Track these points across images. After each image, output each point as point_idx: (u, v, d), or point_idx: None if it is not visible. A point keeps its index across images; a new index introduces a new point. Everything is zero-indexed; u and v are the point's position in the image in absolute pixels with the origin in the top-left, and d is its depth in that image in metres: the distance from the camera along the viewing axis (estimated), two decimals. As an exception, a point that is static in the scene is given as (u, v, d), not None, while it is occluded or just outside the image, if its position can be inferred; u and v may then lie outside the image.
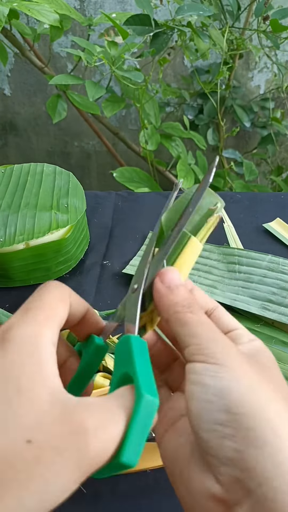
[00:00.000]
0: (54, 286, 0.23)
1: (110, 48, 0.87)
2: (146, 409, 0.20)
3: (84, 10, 1.20)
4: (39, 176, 0.60)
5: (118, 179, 1.05)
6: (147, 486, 0.35)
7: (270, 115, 1.21)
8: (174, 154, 1.10)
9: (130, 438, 0.19)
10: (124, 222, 0.63)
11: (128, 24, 0.83)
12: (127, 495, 0.35)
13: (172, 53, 1.13)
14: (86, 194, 0.59)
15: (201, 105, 1.24)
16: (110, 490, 0.35)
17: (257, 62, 1.23)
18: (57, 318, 0.22)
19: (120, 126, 1.39)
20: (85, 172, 1.54)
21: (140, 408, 0.19)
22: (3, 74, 1.34)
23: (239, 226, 0.61)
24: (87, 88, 0.88)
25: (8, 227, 0.52)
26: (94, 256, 0.58)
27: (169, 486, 0.34)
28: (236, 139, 1.36)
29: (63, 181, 0.59)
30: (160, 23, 0.87)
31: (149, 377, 0.21)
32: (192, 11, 0.83)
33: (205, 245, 0.57)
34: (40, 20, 0.83)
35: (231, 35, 1.02)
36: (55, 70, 1.26)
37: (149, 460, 0.35)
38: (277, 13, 0.86)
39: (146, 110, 1.05)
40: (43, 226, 0.52)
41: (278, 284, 0.50)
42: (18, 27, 0.97)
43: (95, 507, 0.34)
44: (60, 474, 0.17)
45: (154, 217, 0.65)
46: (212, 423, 0.20)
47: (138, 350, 0.22)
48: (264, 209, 0.65)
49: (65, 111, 1.04)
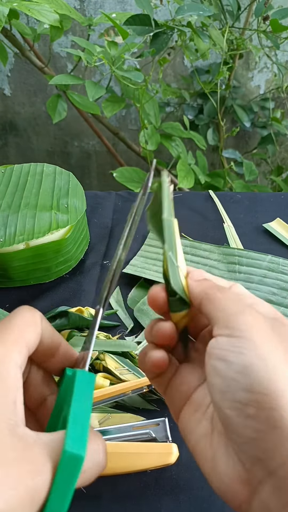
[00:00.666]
0: (25, 310, 0.23)
1: (110, 48, 0.87)
2: (69, 466, 0.19)
3: (84, 10, 1.20)
4: (39, 176, 0.60)
5: (118, 179, 1.05)
6: (147, 486, 0.35)
7: (270, 115, 1.21)
8: (174, 154, 1.09)
9: (53, 495, 0.19)
10: (124, 222, 0.62)
11: (128, 24, 0.83)
12: (127, 495, 0.35)
13: (172, 53, 1.13)
14: (86, 194, 0.59)
15: (201, 105, 1.24)
16: (110, 490, 0.35)
17: (257, 62, 1.23)
18: (26, 341, 0.22)
19: (120, 126, 1.39)
20: (85, 172, 1.54)
21: (62, 466, 0.19)
22: (3, 74, 1.34)
23: (239, 226, 0.61)
24: (87, 88, 0.88)
25: (8, 227, 0.52)
26: (94, 256, 0.58)
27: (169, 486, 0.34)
28: (236, 139, 1.36)
29: (63, 181, 0.59)
30: (160, 23, 0.87)
31: (82, 425, 0.20)
32: (192, 11, 0.83)
33: (205, 245, 0.57)
34: (40, 20, 0.83)
35: (231, 35, 1.02)
36: (55, 70, 1.26)
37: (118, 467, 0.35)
38: (277, 13, 0.86)
39: (146, 110, 1.05)
40: (43, 226, 0.52)
41: (278, 284, 0.50)
42: (18, 27, 0.97)
43: (95, 507, 0.34)
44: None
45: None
46: (234, 401, 0.20)
47: (79, 391, 0.22)
48: (264, 209, 0.65)
49: (65, 111, 1.04)
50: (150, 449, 0.34)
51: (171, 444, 0.35)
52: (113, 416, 0.38)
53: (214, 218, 0.63)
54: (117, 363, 0.41)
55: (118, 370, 0.40)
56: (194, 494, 0.34)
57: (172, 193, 0.27)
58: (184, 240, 0.58)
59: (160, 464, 0.34)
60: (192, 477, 0.35)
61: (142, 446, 0.34)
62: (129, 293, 0.52)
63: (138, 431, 0.35)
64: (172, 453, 0.34)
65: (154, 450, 0.34)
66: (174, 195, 0.27)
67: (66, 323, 0.46)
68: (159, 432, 0.36)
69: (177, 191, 0.70)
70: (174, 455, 0.34)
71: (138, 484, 0.35)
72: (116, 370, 0.40)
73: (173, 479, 0.35)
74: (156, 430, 0.36)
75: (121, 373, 0.40)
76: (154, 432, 0.35)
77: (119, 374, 0.40)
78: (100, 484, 0.35)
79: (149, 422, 0.36)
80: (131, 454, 0.34)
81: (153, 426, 0.36)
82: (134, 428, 0.36)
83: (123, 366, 0.41)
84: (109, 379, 0.40)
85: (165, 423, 0.36)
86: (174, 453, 0.34)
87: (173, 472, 0.35)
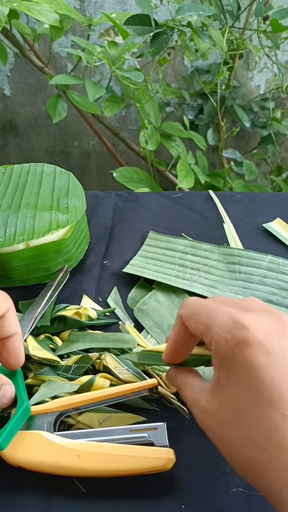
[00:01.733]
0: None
1: (110, 48, 0.87)
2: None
3: (84, 10, 1.20)
4: (39, 176, 0.60)
5: (118, 179, 1.05)
6: (147, 487, 0.35)
7: (270, 115, 1.21)
8: (174, 154, 1.09)
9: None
10: (124, 222, 0.63)
11: (128, 24, 0.83)
12: (127, 496, 0.34)
13: (172, 53, 1.13)
14: (86, 194, 0.59)
15: (201, 105, 1.24)
16: (110, 490, 0.35)
17: (257, 62, 1.23)
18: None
19: (120, 126, 1.39)
20: (85, 172, 1.54)
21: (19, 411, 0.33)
22: (3, 74, 1.34)
23: (239, 226, 0.61)
24: (87, 88, 0.88)
25: (8, 227, 0.52)
26: (94, 256, 0.58)
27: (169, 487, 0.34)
28: (236, 139, 1.36)
29: (63, 181, 0.59)
30: (160, 23, 0.87)
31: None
32: (192, 11, 0.83)
33: (205, 245, 0.57)
34: (40, 20, 0.83)
35: (231, 35, 1.02)
36: (55, 70, 1.26)
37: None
38: (277, 13, 0.86)
39: (146, 110, 1.05)
40: (43, 226, 0.52)
41: (278, 284, 0.50)
42: (18, 27, 0.97)
43: (95, 507, 0.34)
44: None
45: (154, 217, 0.65)
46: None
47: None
48: (264, 209, 0.65)
49: (65, 111, 1.04)
50: (146, 453, 0.34)
51: (169, 449, 0.34)
52: (113, 416, 0.38)
53: (214, 218, 0.63)
54: (117, 362, 0.41)
55: (117, 369, 0.40)
56: (194, 495, 0.34)
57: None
58: (184, 240, 0.57)
59: (156, 469, 0.34)
60: (192, 478, 0.35)
61: (138, 450, 0.34)
62: (129, 293, 0.52)
63: (136, 434, 0.35)
64: (169, 459, 0.33)
65: (151, 454, 0.34)
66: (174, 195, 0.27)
67: (63, 327, 0.46)
68: (156, 436, 0.35)
69: (177, 191, 0.70)
70: (170, 461, 0.34)
71: (138, 484, 0.35)
72: (116, 370, 0.40)
73: (173, 480, 0.35)
74: (154, 434, 0.35)
75: (121, 372, 0.40)
76: (152, 436, 0.35)
77: (118, 373, 0.40)
78: (99, 485, 0.35)
79: (147, 426, 0.35)
80: (127, 457, 0.33)
81: (151, 430, 0.35)
82: (132, 431, 0.35)
83: (123, 365, 0.41)
84: (109, 379, 0.40)
85: (163, 427, 0.35)
86: (171, 458, 0.34)
87: (173, 473, 0.35)
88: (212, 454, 0.36)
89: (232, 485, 0.35)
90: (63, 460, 0.34)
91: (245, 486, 0.34)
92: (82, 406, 0.37)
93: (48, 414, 0.36)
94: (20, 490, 0.35)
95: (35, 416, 0.36)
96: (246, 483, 0.34)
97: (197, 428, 0.38)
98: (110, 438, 0.35)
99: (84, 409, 0.37)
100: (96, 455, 0.34)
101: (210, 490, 0.34)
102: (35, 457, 0.34)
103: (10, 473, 0.35)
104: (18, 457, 0.34)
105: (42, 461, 0.34)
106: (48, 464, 0.34)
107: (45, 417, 0.36)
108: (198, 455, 0.37)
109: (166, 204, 0.66)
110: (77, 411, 0.37)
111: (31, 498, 0.34)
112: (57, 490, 0.35)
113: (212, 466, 0.36)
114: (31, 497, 0.34)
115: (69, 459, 0.34)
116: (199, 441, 0.37)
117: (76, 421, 0.38)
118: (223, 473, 0.35)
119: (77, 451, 0.34)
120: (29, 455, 0.34)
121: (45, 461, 0.34)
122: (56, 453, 0.34)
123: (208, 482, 0.35)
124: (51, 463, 0.34)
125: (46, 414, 0.36)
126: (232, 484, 0.35)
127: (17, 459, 0.34)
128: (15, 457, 0.34)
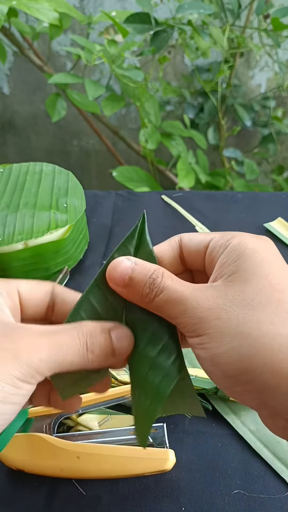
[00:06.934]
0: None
1: (110, 47, 0.86)
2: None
3: (84, 9, 1.19)
4: (38, 176, 0.59)
5: (118, 178, 1.05)
6: (147, 488, 0.35)
7: (271, 114, 1.21)
8: (175, 153, 1.09)
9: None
10: (124, 221, 0.62)
11: (128, 22, 0.83)
12: (127, 498, 0.34)
13: (172, 51, 1.12)
14: (86, 194, 0.58)
15: (202, 104, 1.23)
16: (110, 493, 0.34)
17: (258, 60, 1.23)
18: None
19: (120, 125, 1.39)
20: (85, 172, 1.53)
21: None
22: (2, 72, 1.34)
23: (240, 225, 0.61)
24: (87, 87, 0.88)
25: (7, 226, 0.51)
26: (93, 256, 0.57)
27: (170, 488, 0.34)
28: (237, 138, 1.36)
29: (62, 180, 0.59)
30: (160, 21, 0.86)
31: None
32: (193, 9, 0.83)
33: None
34: (39, 19, 0.82)
35: (231, 33, 1.01)
36: (55, 69, 1.25)
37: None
38: (278, 12, 0.86)
39: (146, 109, 1.05)
40: (42, 226, 0.51)
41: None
42: (17, 25, 0.96)
43: (95, 509, 0.34)
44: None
45: (154, 217, 0.65)
46: (224, 384, 0.23)
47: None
48: (265, 209, 0.64)
49: (65, 110, 1.03)
50: (146, 454, 0.34)
51: (168, 450, 0.34)
52: (112, 418, 0.38)
53: (214, 218, 0.63)
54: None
55: (114, 370, 0.40)
56: (195, 496, 0.34)
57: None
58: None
59: (156, 470, 0.33)
60: (192, 479, 0.35)
61: (138, 451, 0.34)
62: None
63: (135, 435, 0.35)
64: (169, 459, 0.33)
65: (150, 455, 0.34)
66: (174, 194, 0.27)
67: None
68: (156, 437, 0.35)
69: (177, 191, 0.70)
70: (170, 462, 0.33)
71: (138, 486, 0.35)
72: (113, 370, 0.40)
73: (173, 481, 0.35)
74: (154, 436, 0.35)
75: (118, 373, 0.40)
76: (152, 438, 0.35)
77: (116, 374, 0.40)
78: (99, 486, 0.35)
79: None
80: (126, 458, 0.33)
81: (151, 431, 0.35)
82: (132, 432, 0.35)
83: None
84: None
85: (163, 428, 0.35)
86: (171, 459, 0.33)
87: (173, 474, 0.35)
88: (212, 456, 0.36)
89: (233, 487, 0.34)
90: (62, 462, 0.33)
91: (246, 488, 0.34)
92: (82, 408, 0.37)
93: (47, 416, 0.36)
94: (20, 493, 0.34)
95: (34, 418, 0.36)
96: (247, 485, 0.34)
97: (197, 430, 0.38)
98: (110, 440, 0.35)
99: (84, 410, 0.37)
100: (96, 456, 0.34)
101: (210, 491, 0.34)
102: (35, 460, 0.33)
103: (10, 475, 0.35)
104: (18, 460, 0.34)
105: (42, 463, 0.33)
106: (47, 466, 0.33)
107: (44, 419, 0.36)
108: (198, 456, 0.36)
109: (166, 203, 0.66)
110: (76, 412, 0.37)
111: (31, 501, 0.34)
112: (57, 492, 0.34)
113: (212, 468, 0.36)
114: (31, 500, 0.34)
115: (69, 461, 0.33)
116: (199, 443, 0.37)
117: (75, 422, 0.38)
118: (224, 475, 0.35)
119: (76, 453, 0.33)
120: (29, 457, 0.34)
121: (45, 463, 0.33)
122: (56, 455, 0.34)
123: (209, 483, 0.35)
124: (51, 465, 0.33)
125: (45, 416, 0.36)
126: (232, 486, 0.34)
127: (17, 461, 0.34)
128: (15, 459, 0.34)
